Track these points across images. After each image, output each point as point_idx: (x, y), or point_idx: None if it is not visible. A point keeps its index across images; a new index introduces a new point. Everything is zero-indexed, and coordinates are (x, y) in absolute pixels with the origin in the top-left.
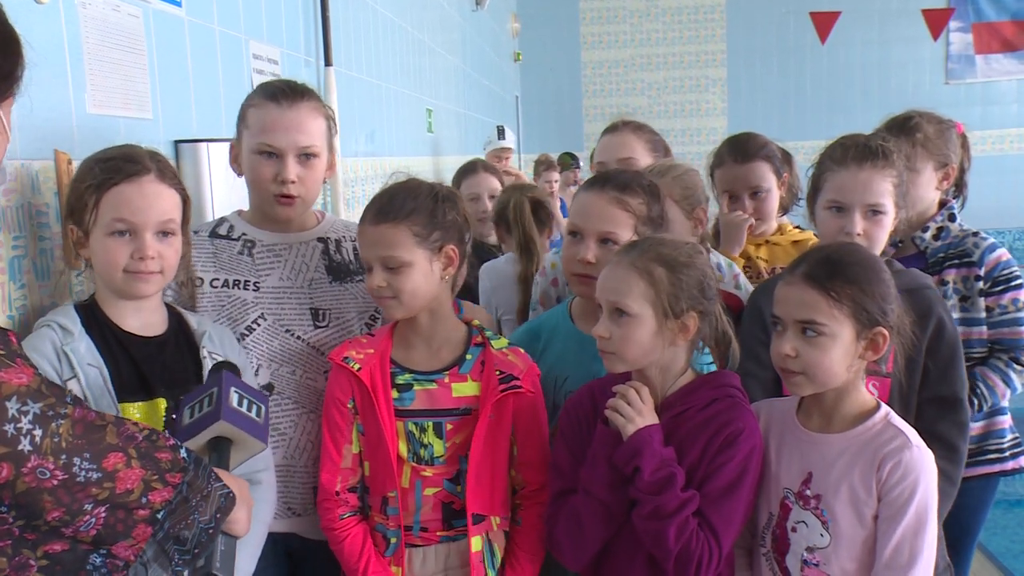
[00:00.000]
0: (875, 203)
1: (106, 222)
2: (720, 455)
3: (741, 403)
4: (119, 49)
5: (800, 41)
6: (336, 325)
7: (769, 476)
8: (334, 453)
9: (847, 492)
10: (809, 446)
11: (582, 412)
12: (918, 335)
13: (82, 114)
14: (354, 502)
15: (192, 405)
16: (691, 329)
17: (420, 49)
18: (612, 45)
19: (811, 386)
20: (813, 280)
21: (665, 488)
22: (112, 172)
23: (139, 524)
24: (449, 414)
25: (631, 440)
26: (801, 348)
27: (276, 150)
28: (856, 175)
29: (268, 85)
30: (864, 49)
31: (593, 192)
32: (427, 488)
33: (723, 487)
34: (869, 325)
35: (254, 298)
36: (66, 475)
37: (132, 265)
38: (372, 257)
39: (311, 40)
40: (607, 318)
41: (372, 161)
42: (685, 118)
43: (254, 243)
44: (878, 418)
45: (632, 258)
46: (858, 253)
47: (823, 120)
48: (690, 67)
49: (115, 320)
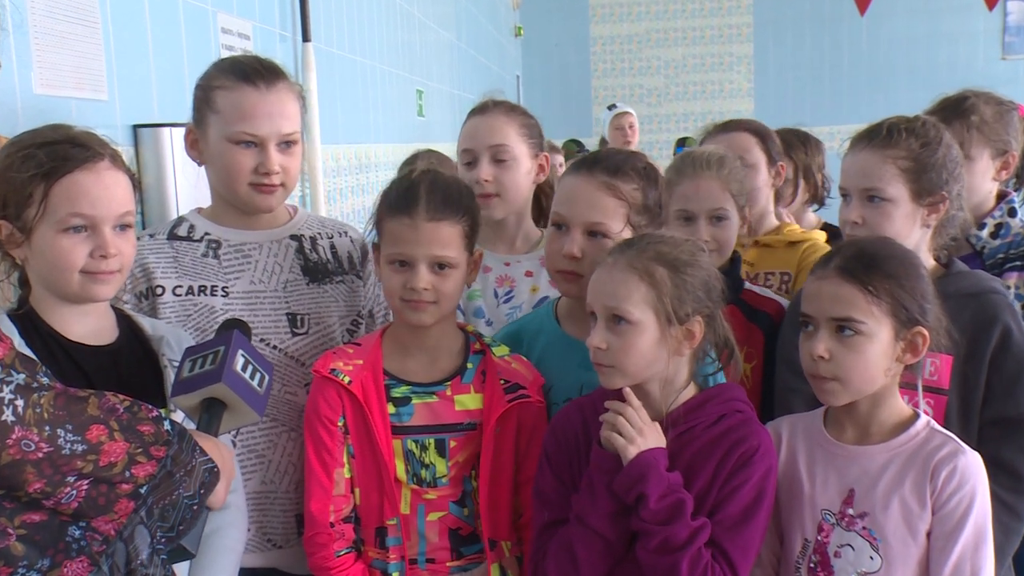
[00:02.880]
0: (872, 187)
1: (59, 217)
2: (734, 477)
3: (752, 418)
4: (70, 21)
5: (836, 11)
6: (316, 332)
7: (802, 498)
8: (324, 479)
9: (898, 507)
10: (847, 461)
11: (571, 432)
12: (980, 344)
13: (28, 95)
14: (350, 535)
15: (195, 359)
16: (697, 336)
17: (409, 23)
18: (624, 18)
19: (846, 393)
20: (849, 274)
21: (674, 517)
22: (62, 159)
23: (121, 499)
24: (452, 429)
25: (633, 464)
26: (835, 350)
27: (257, 139)
28: (855, 157)
29: (236, 63)
30: (910, 20)
31: (580, 176)
32: (431, 513)
33: (739, 513)
34: (908, 324)
35: (223, 304)
36: (51, 447)
37: (91, 265)
38: (421, 256)
39: (287, 12)
40: (603, 326)
41: (356, 149)
42: (706, 100)
43: (219, 243)
44: (920, 425)
45: (629, 258)
46: (894, 247)
47: (863, 101)
48: (712, 43)
49: (59, 329)
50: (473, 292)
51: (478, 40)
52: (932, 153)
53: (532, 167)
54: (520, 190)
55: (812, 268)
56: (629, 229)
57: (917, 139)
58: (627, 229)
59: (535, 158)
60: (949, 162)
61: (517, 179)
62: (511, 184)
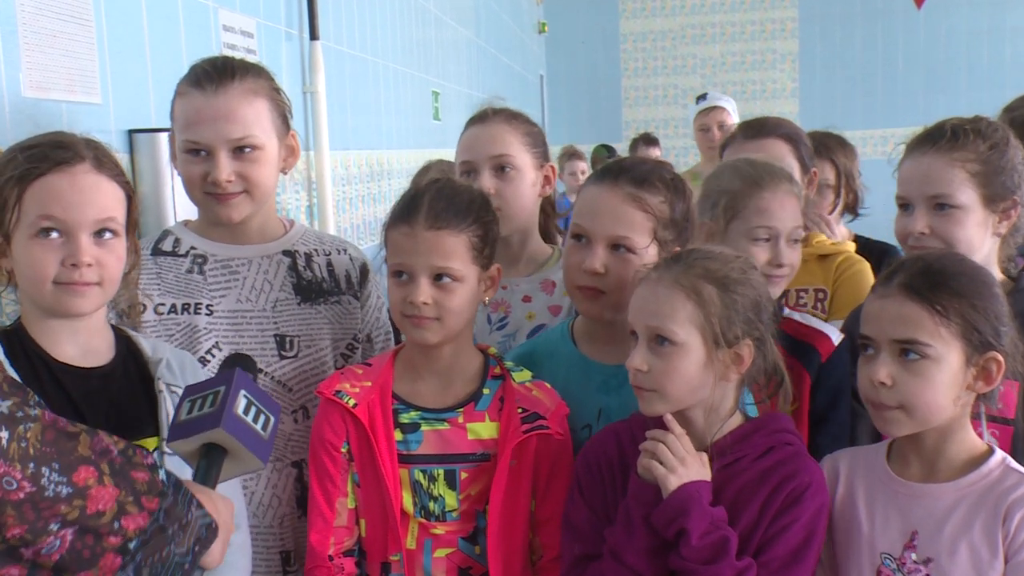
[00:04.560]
0: (941, 194)
1: (30, 221)
2: (784, 515)
3: (802, 452)
4: (61, 19)
5: (890, 4)
6: (306, 355)
7: (860, 539)
8: (325, 509)
9: (966, 553)
10: (910, 500)
11: (604, 460)
12: None
13: (16, 98)
14: (351, 569)
15: (195, 399)
16: (746, 361)
17: (425, 19)
18: (657, 13)
19: (911, 423)
20: (914, 292)
21: (718, 556)
22: (37, 161)
23: (108, 553)
24: (464, 460)
25: (675, 496)
26: (899, 375)
27: (203, 146)
28: (918, 163)
29: (196, 66)
30: (971, 13)
31: (604, 186)
32: (438, 549)
33: (788, 554)
34: (981, 349)
35: (207, 324)
36: (34, 487)
37: (63, 274)
38: (421, 266)
39: (293, 9)
40: (644, 347)
41: (367, 155)
42: (747, 101)
43: (205, 258)
44: (994, 463)
45: (675, 274)
46: (965, 262)
47: (918, 102)
48: (753, 39)
49: (46, 348)
50: None
51: (499, 37)
52: (1002, 155)
53: (537, 179)
54: (524, 203)
55: (872, 286)
56: (655, 245)
57: (984, 140)
58: (653, 244)
59: (540, 169)
60: (1019, 165)
61: (521, 191)
62: (514, 197)
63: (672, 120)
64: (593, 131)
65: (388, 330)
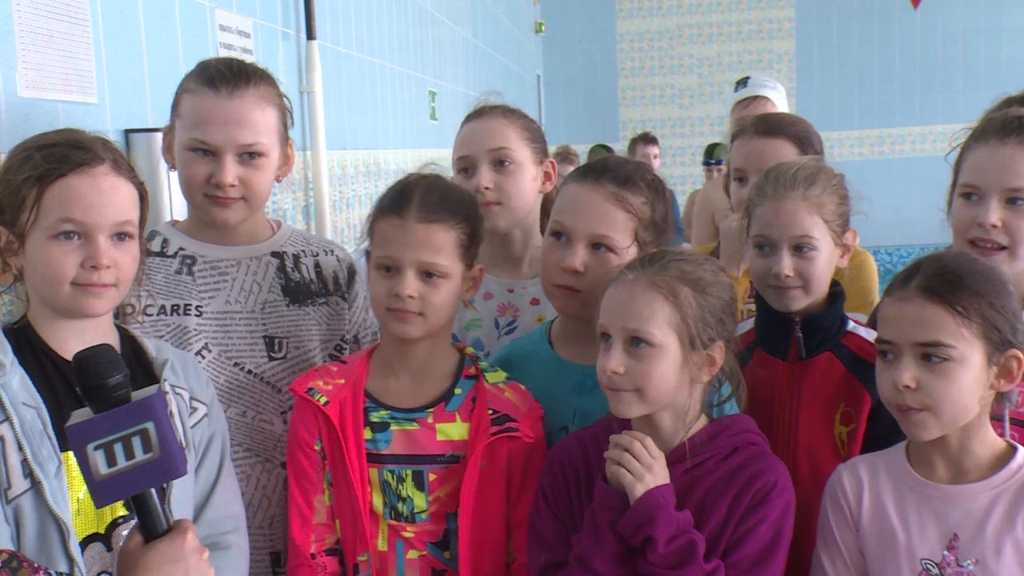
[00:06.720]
0: (1017, 187)
1: (50, 223)
2: (751, 515)
3: (766, 452)
4: (57, 19)
5: (887, 4)
6: (294, 356)
7: (897, 549)
8: (304, 506)
9: (1012, 550)
10: (944, 503)
11: (569, 467)
12: None
13: (12, 98)
14: (334, 567)
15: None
16: (717, 362)
17: (422, 19)
18: (654, 12)
19: (939, 425)
20: (934, 293)
21: (685, 561)
22: (57, 161)
23: None
24: (432, 461)
25: (641, 503)
26: (923, 378)
27: (211, 147)
28: (996, 152)
29: (208, 66)
30: (969, 12)
31: (586, 185)
32: (409, 551)
33: (756, 554)
34: (1001, 347)
35: (196, 324)
36: None
37: (82, 276)
38: (408, 260)
39: (290, 8)
40: (620, 349)
41: (363, 155)
42: None
43: (194, 259)
44: (1021, 458)
45: (651, 275)
46: (978, 263)
47: (915, 103)
48: (750, 39)
49: (54, 347)
50: (472, 322)
51: (496, 37)
52: None
53: (537, 174)
54: (525, 198)
55: (888, 289)
56: (635, 245)
57: None
58: (634, 245)
59: (540, 164)
60: None
61: (521, 185)
62: (515, 191)
63: (669, 120)
64: (590, 131)
65: (375, 331)
